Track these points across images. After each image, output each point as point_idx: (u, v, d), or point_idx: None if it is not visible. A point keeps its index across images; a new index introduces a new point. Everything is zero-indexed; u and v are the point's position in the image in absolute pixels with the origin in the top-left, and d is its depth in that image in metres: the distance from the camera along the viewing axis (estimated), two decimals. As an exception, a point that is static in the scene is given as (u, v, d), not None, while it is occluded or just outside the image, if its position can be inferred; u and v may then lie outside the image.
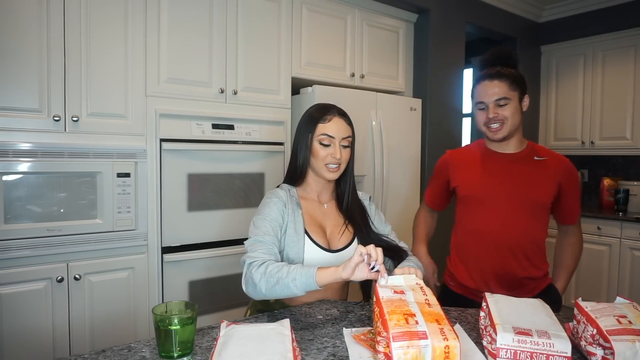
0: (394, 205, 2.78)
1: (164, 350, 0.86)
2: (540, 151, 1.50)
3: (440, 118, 3.12)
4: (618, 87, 3.40)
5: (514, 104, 1.40)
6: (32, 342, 1.73)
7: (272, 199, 1.26)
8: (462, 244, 1.56)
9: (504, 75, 1.40)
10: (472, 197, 1.51)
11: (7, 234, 1.68)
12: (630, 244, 3.11)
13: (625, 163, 3.66)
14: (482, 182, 1.49)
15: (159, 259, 2.05)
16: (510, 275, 1.46)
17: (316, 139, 1.26)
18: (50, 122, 1.77)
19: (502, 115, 1.40)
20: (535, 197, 1.44)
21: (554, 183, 1.45)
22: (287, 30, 2.42)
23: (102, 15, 1.86)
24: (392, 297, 0.89)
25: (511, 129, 1.42)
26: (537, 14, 3.85)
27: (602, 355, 0.83)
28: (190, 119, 2.10)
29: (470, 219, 1.52)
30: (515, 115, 1.41)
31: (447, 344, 0.75)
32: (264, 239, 1.17)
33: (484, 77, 1.44)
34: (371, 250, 0.99)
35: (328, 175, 1.27)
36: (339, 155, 1.25)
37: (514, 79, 1.41)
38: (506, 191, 1.45)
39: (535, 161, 1.47)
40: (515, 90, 1.41)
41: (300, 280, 1.03)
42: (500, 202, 1.45)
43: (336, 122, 1.27)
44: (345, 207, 1.34)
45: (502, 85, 1.40)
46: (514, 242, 1.44)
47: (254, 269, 1.10)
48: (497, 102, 1.40)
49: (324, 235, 1.29)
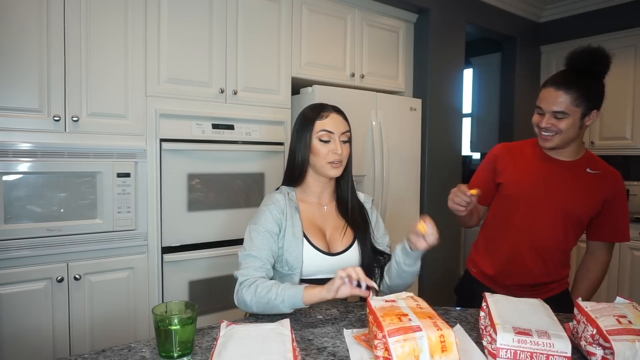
0: (394, 205, 2.78)
1: (164, 350, 0.86)
2: (596, 164, 1.43)
3: (440, 118, 3.12)
4: (618, 87, 3.40)
5: (572, 119, 1.31)
6: (32, 342, 1.73)
7: (269, 206, 1.25)
8: (493, 238, 1.54)
9: (572, 87, 1.29)
10: (514, 196, 1.47)
11: (7, 234, 1.68)
12: (630, 244, 3.10)
13: (625, 163, 3.66)
14: (528, 183, 1.45)
15: (159, 259, 2.05)
16: (533, 277, 1.46)
17: (315, 137, 1.26)
18: (50, 122, 1.77)
19: (556, 127, 1.33)
20: (574, 210, 1.40)
21: (599, 199, 1.39)
22: (287, 30, 2.42)
23: (102, 15, 1.86)
24: (384, 305, 0.91)
25: (562, 141, 1.36)
26: (537, 14, 3.85)
27: (602, 355, 0.83)
28: (190, 119, 2.10)
29: (507, 215, 1.49)
30: (571, 130, 1.33)
31: (442, 333, 0.78)
32: (257, 254, 1.19)
33: (551, 82, 1.34)
34: (350, 272, 1.01)
35: (331, 172, 1.26)
36: (340, 150, 1.25)
37: (582, 94, 1.29)
38: (548, 197, 1.41)
39: (587, 174, 1.40)
40: (578, 106, 1.30)
41: (289, 301, 1.07)
42: (539, 206, 1.42)
43: (333, 117, 1.27)
44: (345, 209, 1.34)
45: (565, 97, 1.30)
46: (543, 249, 1.43)
47: (245, 288, 1.13)
48: (555, 113, 1.32)
49: (324, 238, 1.28)
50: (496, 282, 1.51)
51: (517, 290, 1.44)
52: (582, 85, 1.29)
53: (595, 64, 1.32)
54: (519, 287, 1.48)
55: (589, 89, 1.30)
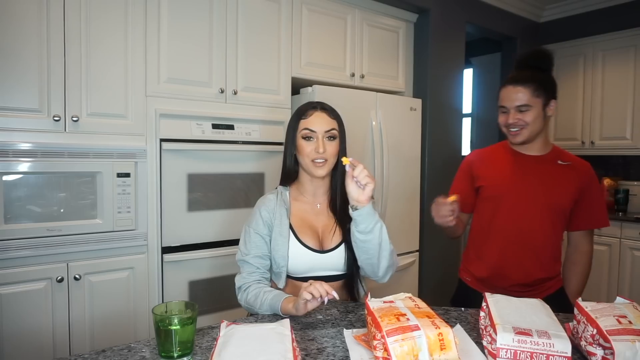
0: (394, 205, 2.78)
1: (164, 350, 0.86)
2: (565, 156, 1.51)
3: (440, 118, 3.12)
4: (618, 87, 3.40)
5: (536, 110, 1.40)
6: (32, 342, 1.73)
7: (260, 208, 1.30)
8: (482, 242, 1.56)
9: (528, 81, 1.40)
10: (495, 197, 1.51)
11: (7, 234, 1.68)
12: (630, 244, 3.11)
13: (625, 163, 3.66)
14: (507, 182, 1.49)
15: (159, 259, 2.05)
16: (527, 275, 1.47)
17: (299, 135, 1.27)
18: (50, 122, 1.77)
19: (522, 121, 1.41)
20: (557, 200, 1.44)
21: (576, 188, 1.45)
22: (287, 30, 2.42)
23: (102, 15, 1.86)
24: (382, 306, 0.91)
25: (531, 134, 1.43)
26: (537, 14, 3.85)
27: (602, 355, 0.83)
28: (190, 119, 2.09)
29: (491, 218, 1.52)
30: (537, 121, 1.42)
31: (440, 331, 0.79)
32: (249, 259, 1.26)
33: (509, 82, 1.44)
34: (313, 291, 1.02)
35: (316, 171, 1.26)
36: (322, 149, 1.23)
37: (539, 85, 1.40)
38: (529, 192, 1.46)
39: (559, 165, 1.48)
40: (538, 97, 1.40)
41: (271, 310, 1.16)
42: (522, 202, 1.46)
43: (317, 116, 1.27)
44: (333, 206, 1.34)
45: (525, 91, 1.40)
46: (533, 242, 1.46)
47: (239, 294, 1.26)
48: (518, 107, 1.41)
49: (317, 236, 1.29)
50: (492, 286, 1.50)
51: (515, 292, 1.44)
52: (536, 78, 1.41)
53: (542, 62, 1.45)
54: (515, 287, 1.48)
55: (543, 80, 1.42)
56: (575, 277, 1.55)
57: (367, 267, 1.27)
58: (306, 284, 1.05)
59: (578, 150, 3.64)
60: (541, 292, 1.48)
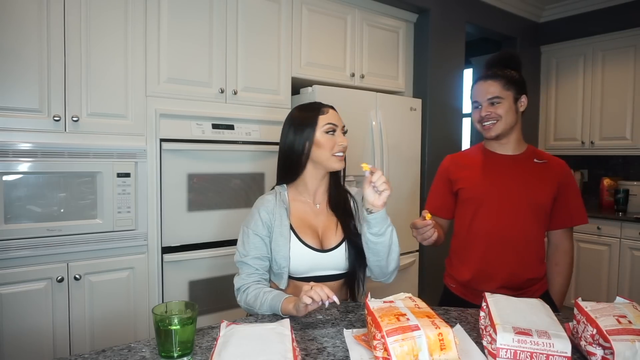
0: (394, 205, 2.78)
1: (164, 350, 0.86)
2: (540, 154, 1.53)
3: (440, 118, 3.12)
4: (618, 87, 3.40)
5: (507, 103, 1.44)
6: (32, 342, 1.73)
7: (258, 209, 1.30)
8: (463, 246, 1.55)
9: (498, 75, 1.45)
10: (475, 198, 1.51)
11: (7, 234, 1.68)
12: (630, 244, 3.11)
13: (625, 163, 3.66)
14: (485, 183, 1.49)
15: (159, 259, 2.05)
16: (512, 275, 1.46)
17: (321, 130, 1.28)
18: (50, 122, 1.77)
19: (495, 114, 1.44)
20: (536, 198, 1.45)
21: (553, 185, 1.47)
22: (287, 30, 2.42)
23: (102, 15, 1.86)
24: (382, 306, 0.91)
25: (505, 127, 1.45)
26: (537, 14, 3.85)
27: (602, 355, 0.83)
28: (190, 119, 2.10)
29: (472, 220, 1.51)
30: (509, 114, 1.44)
31: (440, 331, 0.79)
32: (248, 260, 1.26)
33: (480, 78, 1.50)
34: (314, 295, 1.03)
35: (337, 164, 1.29)
36: (346, 142, 1.30)
37: (509, 80, 1.45)
38: (508, 191, 1.46)
39: (535, 164, 1.49)
40: (509, 90, 1.44)
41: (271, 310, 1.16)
42: (502, 202, 1.46)
43: (332, 112, 1.33)
44: (333, 205, 1.36)
45: (495, 84, 1.44)
46: (515, 241, 1.45)
47: (238, 295, 1.26)
48: (490, 100, 1.44)
49: (317, 236, 1.30)
50: (477, 291, 1.47)
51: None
52: (506, 74, 1.46)
53: (510, 62, 1.50)
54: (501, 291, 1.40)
55: (513, 76, 1.47)
56: (558, 277, 1.54)
57: (375, 269, 1.29)
58: (307, 288, 1.04)
59: (578, 151, 3.65)
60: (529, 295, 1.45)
